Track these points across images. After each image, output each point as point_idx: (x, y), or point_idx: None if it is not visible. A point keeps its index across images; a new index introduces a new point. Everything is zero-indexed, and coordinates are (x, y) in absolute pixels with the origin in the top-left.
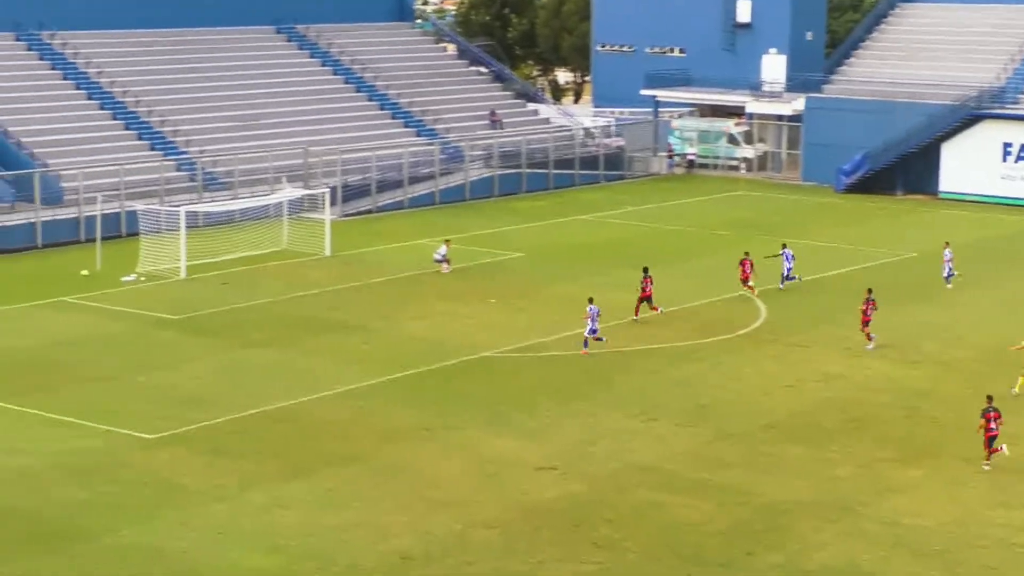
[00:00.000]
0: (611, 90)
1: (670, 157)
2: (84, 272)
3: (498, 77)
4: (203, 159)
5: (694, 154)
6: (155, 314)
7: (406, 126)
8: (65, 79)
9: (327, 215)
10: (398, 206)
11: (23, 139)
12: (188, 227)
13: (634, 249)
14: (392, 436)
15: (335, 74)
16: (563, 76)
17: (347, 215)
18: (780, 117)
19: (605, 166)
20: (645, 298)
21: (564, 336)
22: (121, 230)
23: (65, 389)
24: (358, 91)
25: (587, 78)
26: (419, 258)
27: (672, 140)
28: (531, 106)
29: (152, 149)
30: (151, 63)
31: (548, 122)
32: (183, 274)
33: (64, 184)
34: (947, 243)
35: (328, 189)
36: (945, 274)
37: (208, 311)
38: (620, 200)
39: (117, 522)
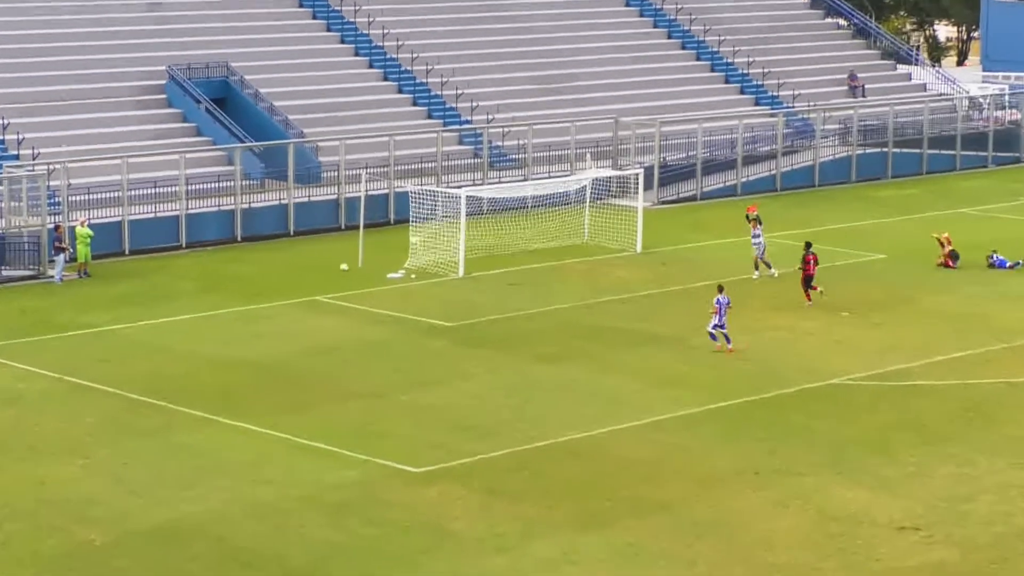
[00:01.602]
0: (1006, 49)
1: None
2: (343, 266)
3: (860, 32)
4: (491, 130)
5: None
6: (426, 319)
7: (742, 92)
8: (328, 31)
9: (640, 202)
10: (729, 192)
11: (276, 103)
12: (469, 214)
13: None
14: (711, 481)
15: (655, 27)
16: (944, 31)
17: (664, 202)
18: None
19: (996, 146)
20: (808, 277)
21: (935, 361)
22: (389, 216)
23: (317, 408)
24: (683, 48)
25: (975, 34)
26: (752, 258)
27: None
28: (902, 68)
29: (429, 117)
30: (431, 11)
31: (923, 89)
32: (461, 272)
33: (322, 158)
34: None
35: (642, 170)
36: None
37: (490, 317)
38: (1014, 190)
39: (373, 571)
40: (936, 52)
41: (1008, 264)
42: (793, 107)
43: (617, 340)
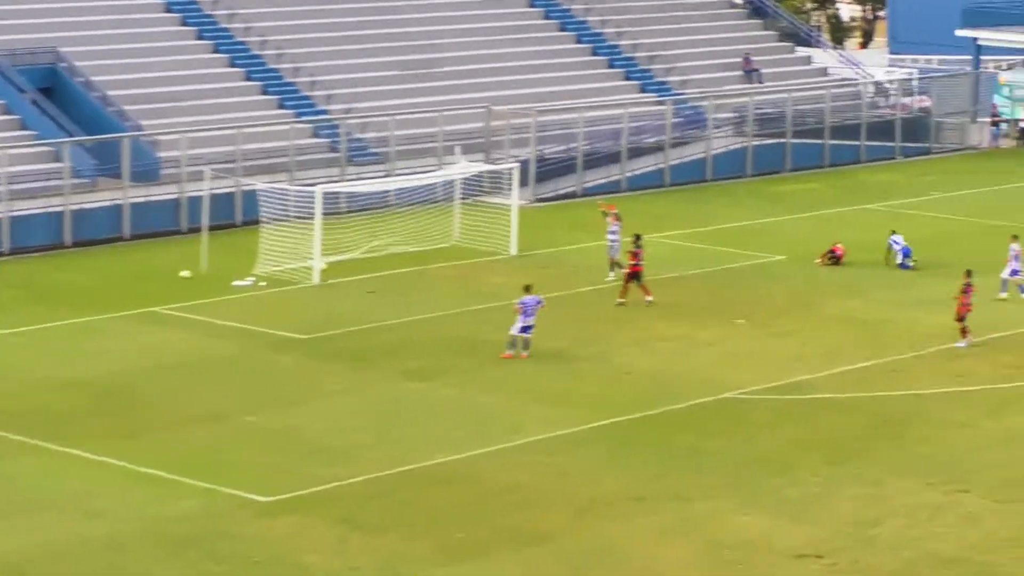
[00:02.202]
0: (914, 30)
1: (995, 125)
2: (185, 273)
3: (756, 11)
4: (349, 121)
5: None
6: (277, 332)
7: (627, 78)
8: (168, 11)
9: (515, 199)
10: (613, 188)
11: (109, 92)
12: (326, 214)
13: (943, 252)
14: (594, 507)
15: (531, 6)
16: (847, 10)
17: (542, 200)
18: None
19: (904, 136)
20: (634, 275)
21: (840, 372)
22: (235, 217)
23: (154, 432)
24: (563, 30)
25: (880, 13)
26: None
27: (999, 100)
28: (801, 51)
29: (281, 107)
30: None
31: (825, 74)
32: (316, 278)
33: (162, 154)
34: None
35: (517, 164)
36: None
37: (348, 329)
38: (925, 184)
39: None
40: (839, 33)
41: (907, 258)
42: (683, 94)
43: (490, 353)
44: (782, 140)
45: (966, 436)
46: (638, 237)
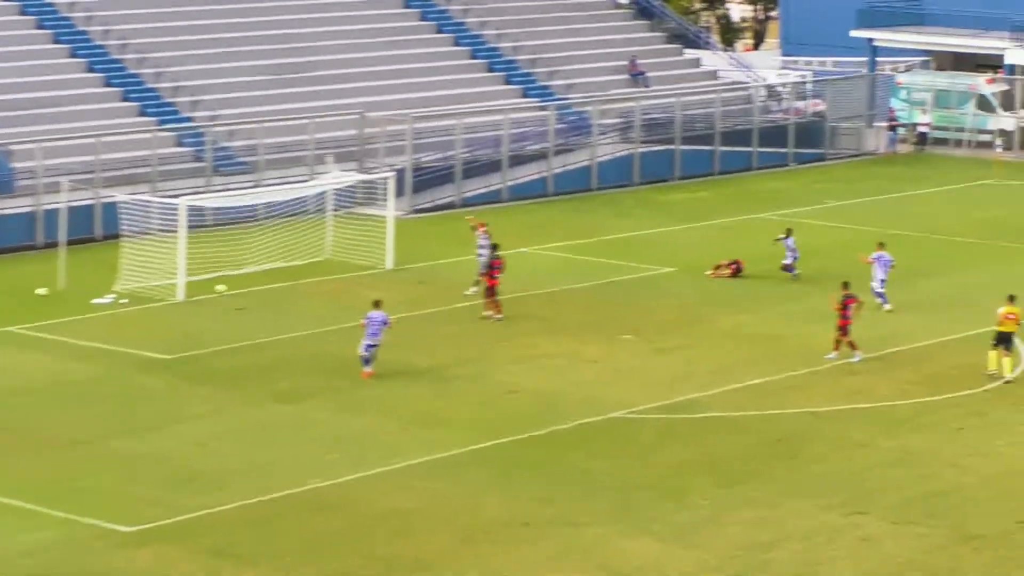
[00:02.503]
0: (807, 31)
1: (892, 129)
2: (41, 291)
3: (643, 12)
4: (215, 129)
5: (927, 125)
6: (140, 352)
7: (508, 83)
8: (23, 14)
9: (390, 210)
10: (493, 198)
11: None
12: (191, 227)
13: (837, 262)
14: (476, 534)
15: (407, 7)
16: (738, 10)
17: (419, 211)
18: None
19: (797, 142)
20: (495, 287)
21: (732, 390)
22: (95, 231)
23: (7, 459)
24: (440, 32)
25: (772, 13)
26: (525, 274)
27: (896, 104)
28: (690, 53)
29: (142, 114)
30: None
31: (715, 77)
32: (181, 295)
33: (16, 165)
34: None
35: (392, 173)
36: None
37: (216, 348)
38: (818, 191)
39: None
40: (729, 34)
41: (792, 263)
42: (566, 99)
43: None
44: (670, 147)
45: (863, 455)
46: (495, 247)
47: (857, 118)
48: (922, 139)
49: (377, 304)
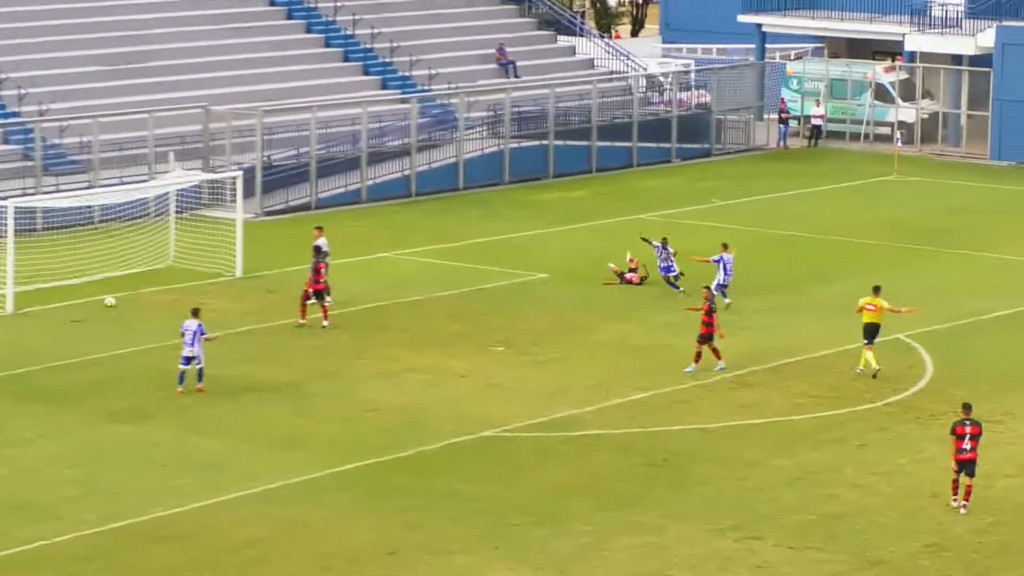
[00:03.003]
0: (690, 16)
1: (783, 122)
2: None
3: None
4: (45, 124)
5: (821, 117)
6: None
7: (366, 73)
8: None
9: (239, 213)
10: (352, 199)
11: None
12: (19, 232)
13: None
14: (338, 563)
15: None
16: None
17: (270, 213)
18: (957, 59)
19: (681, 136)
20: (316, 293)
21: (614, 405)
22: None
23: None
24: (291, 18)
25: None
26: (387, 282)
27: (787, 95)
28: (564, 41)
29: None
30: None
31: (591, 66)
32: (10, 307)
33: None
34: None
35: (241, 172)
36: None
37: (48, 364)
38: (704, 190)
39: None
40: (606, 20)
41: (673, 272)
42: (430, 90)
43: (214, 389)
44: (543, 142)
45: (757, 475)
46: (318, 250)
47: (745, 110)
48: (816, 132)
49: (195, 312)
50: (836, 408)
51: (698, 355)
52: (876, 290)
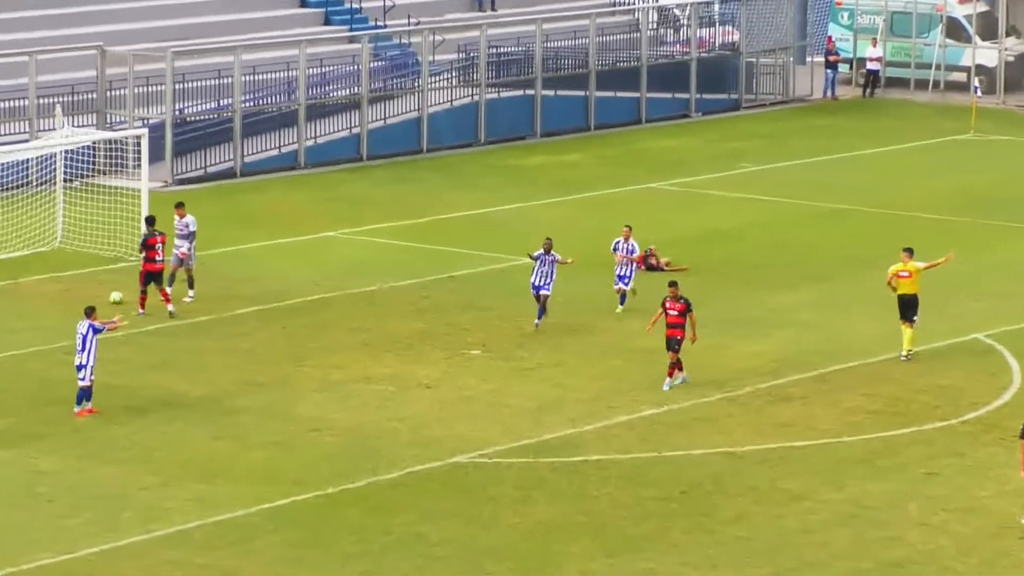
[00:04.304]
0: None
1: (831, 66)
2: None
3: None
4: None
5: (878, 60)
6: None
7: (304, 4)
8: None
9: (145, 182)
10: (287, 163)
11: None
12: None
13: (756, 250)
14: None
15: None
16: None
17: (184, 181)
18: None
19: (701, 85)
20: (153, 273)
21: (619, 423)
22: None
23: None
24: None
25: None
26: (332, 267)
27: (836, 32)
28: None
29: None
30: None
31: None
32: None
33: None
34: None
35: (146, 130)
36: None
37: None
38: (730, 152)
39: None
40: None
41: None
42: (384, 27)
43: (114, 404)
44: (529, 92)
45: (800, 512)
46: (151, 221)
47: (783, 52)
48: (872, 79)
49: (88, 312)
50: (898, 427)
51: (673, 364)
52: (908, 253)
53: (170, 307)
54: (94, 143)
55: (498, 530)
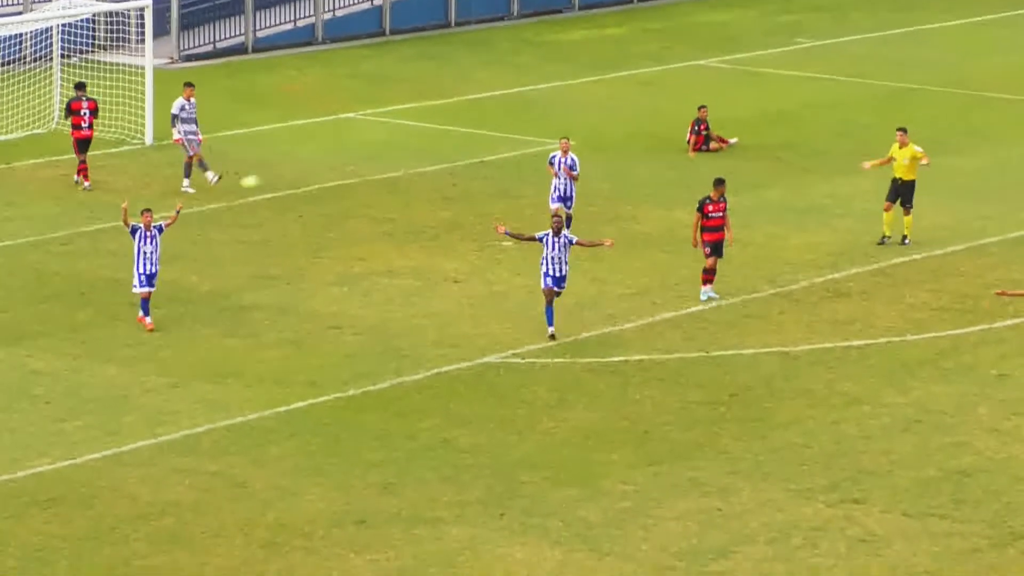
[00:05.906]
0: None
1: None
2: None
3: None
4: None
5: None
6: None
7: None
8: None
9: (149, 58)
10: (303, 37)
11: None
12: None
13: (813, 133)
14: (290, 537)
15: None
16: None
17: (192, 58)
18: None
19: None
20: (82, 141)
21: (662, 320)
22: None
23: None
24: None
25: None
26: (351, 151)
27: None
28: None
29: None
30: None
31: None
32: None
33: None
34: None
35: (150, 1)
36: None
37: None
38: (787, 25)
39: None
40: None
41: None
42: None
43: (115, 300)
44: None
45: (858, 417)
46: (81, 87)
47: None
48: None
49: (144, 213)
50: (966, 325)
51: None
52: (902, 132)
53: (86, 183)
54: (94, 15)
55: (532, 437)
